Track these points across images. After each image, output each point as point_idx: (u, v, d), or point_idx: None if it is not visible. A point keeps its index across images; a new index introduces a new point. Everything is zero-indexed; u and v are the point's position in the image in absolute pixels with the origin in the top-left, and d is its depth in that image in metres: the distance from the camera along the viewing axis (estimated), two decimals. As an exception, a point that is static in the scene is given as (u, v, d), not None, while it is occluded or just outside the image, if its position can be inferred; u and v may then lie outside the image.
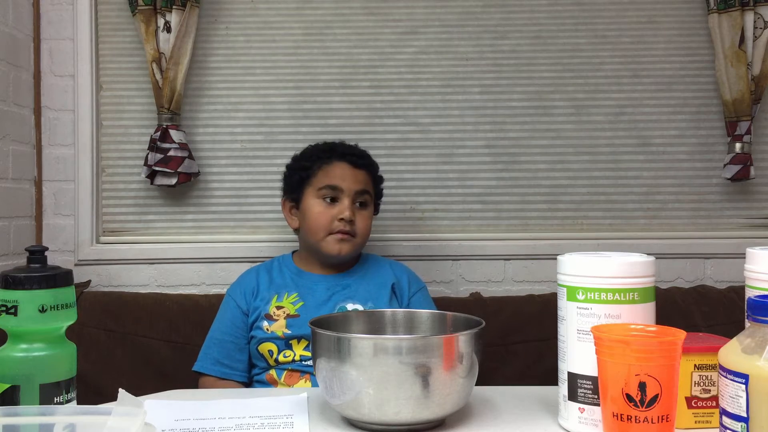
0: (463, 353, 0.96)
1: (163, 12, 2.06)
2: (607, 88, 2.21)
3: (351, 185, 1.63)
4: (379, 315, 1.18)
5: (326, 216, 1.61)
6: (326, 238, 1.61)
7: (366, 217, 1.66)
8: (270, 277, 1.66)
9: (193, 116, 2.19)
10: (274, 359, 1.55)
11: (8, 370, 0.85)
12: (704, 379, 0.95)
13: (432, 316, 1.16)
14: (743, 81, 2.08)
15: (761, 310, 0.76)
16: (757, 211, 2.22)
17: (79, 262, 2.14)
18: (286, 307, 1.59)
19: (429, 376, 0.92)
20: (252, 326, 1.60)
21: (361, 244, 1.66)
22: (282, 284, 1.64)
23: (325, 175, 1.65)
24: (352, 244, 1.62)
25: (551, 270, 1.03)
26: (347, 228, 1.60)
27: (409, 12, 2.21)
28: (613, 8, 2.21)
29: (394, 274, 1.68)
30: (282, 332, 1.55)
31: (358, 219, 1.63)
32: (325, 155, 1.68)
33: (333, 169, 1.65)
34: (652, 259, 0.96)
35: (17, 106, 2.04)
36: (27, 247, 0.90)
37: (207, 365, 1.60)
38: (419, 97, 2.20)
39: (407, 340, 0.95)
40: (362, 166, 1.68)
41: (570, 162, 2.21)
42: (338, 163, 1.66)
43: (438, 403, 0.94)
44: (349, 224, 1.60)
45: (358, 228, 1.63)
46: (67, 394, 0.87)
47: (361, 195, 1.65)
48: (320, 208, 1.62)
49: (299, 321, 1.55)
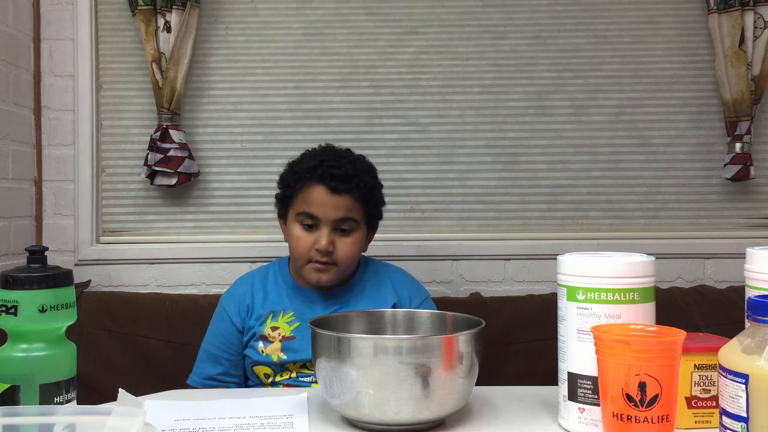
0: (463, 353, 0.96)
1: (163, 12, 2.07)
2: (607, 88, 2.21)
3: (329, 213, 1.46)
4: (379, 315, 1.18)
5: (305, 243, 1.48)
6: (306, 266, 1.49)
7: (349, 244, 1.49)
8: (265, 293, 1.57)
9: (193, 116, 2.19)
10: (270, 381, 1.51)
11: (8, 370, 0.85)
12: (704, 379, 0.95)
13: (432, 316, 1.16)
14: (743, 81, 2.08)
15: (761, 310, 0.76)
16: (757, 211, 2.22)
17: (79, 262, 2.14)
18: (282, 328, 1.51)
19: (429, 376, 0.92)
20: (246, 344, 1.53)
21: (345, 270, 1.52)
22: (278, 302, 1.55)
23: (304, 199, 1.50)
24: (332, 272, 1.49)
25: (551, 270, 1.03)
26: (324, 258, 1.47)
27: (409, 12, 2.21)
28: (613, 8, 2.21)
29: (394, 291, 1.58)
30: (277, 357, 1.49)
31: (339, 246, 1.48)
32: (306, 175, 1.50)
33: (311, 193, 1.48)
34: (652, 259, 0.96)
35: (17, 106, 2.04)
36: (27, 247, 0.90)
37: (199, 380, 1.55)
38: (419, 97, 2.20)
39: (407, 340, 0.95)
40: (344, 191, 1.48)
41: (570, 162, 2.21)
42: (316, 187, 1.48)
43: (438, 403, 0.94)
44: (326, 255, 1.46)
45: (339, 256, 1.48)
46: (67, 394, 0.87)
47: (343, 222, 1.48)
48: (299, 232, 1.49)
49: (295, 344, 1.49)
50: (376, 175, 1.58)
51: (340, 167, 1.49)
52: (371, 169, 1.57)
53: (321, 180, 1.47)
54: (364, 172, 1.53)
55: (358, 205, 1.50)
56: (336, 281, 1.52)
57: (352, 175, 1.49)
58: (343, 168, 1.49)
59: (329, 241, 1.46)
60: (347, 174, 1.48)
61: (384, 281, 1.59)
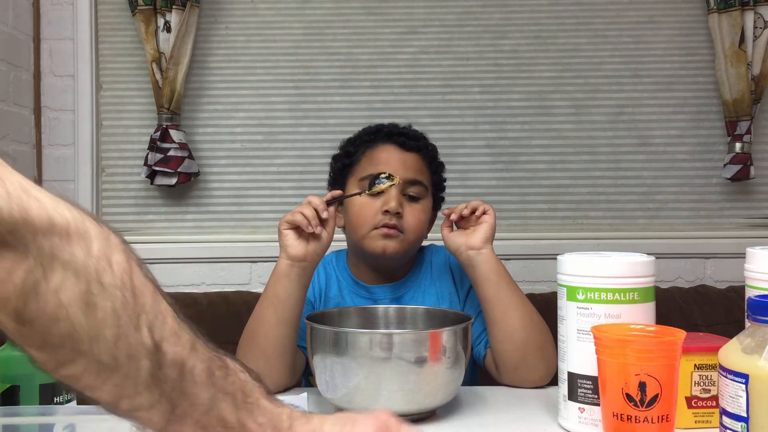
0: (447, 347, 1.00)
1: (163, 12, 2.06)
2: (607, 88, 2.21)
3: (399, 171, 1.31)
4: (372, 311, 1.22)
5: (370, 208, 1.31)
6: (369, 234, 1.31)
7: (418, 212, 1.34)
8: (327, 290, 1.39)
9: (193, 116, 2.19)
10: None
11: (8, 370, 0.85)
12: (704, 379, 0.95)
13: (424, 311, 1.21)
14: (743, 81, 2.08)
15: (761, 310, 0.76)
16: (757, 211, 2.22)
17: (79, 262, 2.13)
18: None
19: (417, 369, 0.98)
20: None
21: (413, 242, 1.35)
22: (338, 300, 1.38)
23: (369, 161, 1.37)
24: (399, 241, 1.31)
25: (551, 270, 1.02)
26: (392, 222, 1.30)
27: (409, 12, 2.21)
28: (613, 8, 2.21)
29: (447, 258, 1.41)
30: None
31: (407, 213, 1.32)
32: (369, 138, 1.40)
33: (378, 153, 1.37)
34: (652, 259, 0.96)
35: (17, 106, 2.04)
36: (27, 247, 0.90)
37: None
38: (419, 97, 2.20)
39: (397, 335, 1.01)
40: (413, 149, 1.37)
41: (570, 162, 2.21)
42: (384, 146, 1.37)
43: (426, 394, 0.99)
44: (395, 217, 1.30)
45: (407, 223, 1.32)
46: (67, 394, 0.87)
47: (412, 185, 1.34)
48: (364, 199, 1.32)
49: None
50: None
51: (406, 129, 1.42)
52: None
53: (389, 138, 1.38)
54: (428, 138, 1.45)
55: (426, 168, 1.40)
56: (403, 255, 1.35)
57: (420, 135, 1.42)
58: (408, 129, 1.42)
59: (399, 202, 1.30)
60: (415, 133, 1.42)
61: (438, 255, 1.44)
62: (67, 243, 0.52)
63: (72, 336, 0.52)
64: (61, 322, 0.52)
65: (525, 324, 1.20)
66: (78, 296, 0.52)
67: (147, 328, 0.56)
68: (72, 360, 0.53)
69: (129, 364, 0.55)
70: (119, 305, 0.54)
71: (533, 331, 1.20)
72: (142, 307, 0.56)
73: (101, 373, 0.54)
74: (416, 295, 1.37)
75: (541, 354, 1.19)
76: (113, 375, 0.55)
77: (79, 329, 0.52)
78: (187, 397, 0.58)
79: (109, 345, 0.54)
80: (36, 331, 0.52)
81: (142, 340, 0.55)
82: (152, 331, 0.56)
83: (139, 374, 0.55)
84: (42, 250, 0.51)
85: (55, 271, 0.51)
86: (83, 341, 0.53)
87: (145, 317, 0.56)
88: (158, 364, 0.56)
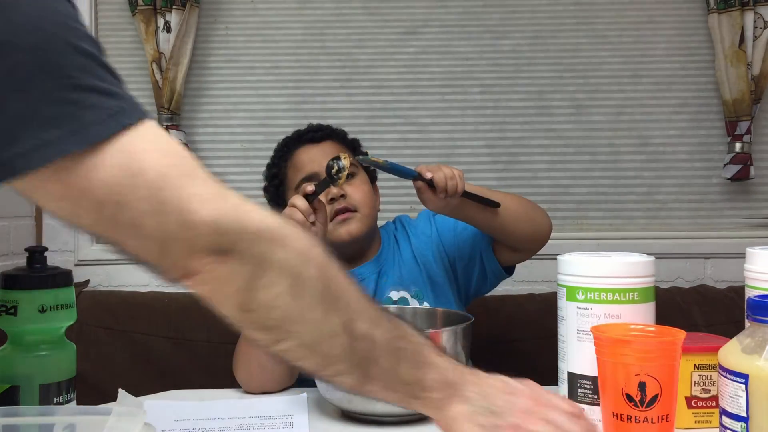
0: (447, 347, 1.01)
1: (163, 12, 2.07)
2: (607, 88, 2.21)
3: (323, 162, 1.31)
4: None
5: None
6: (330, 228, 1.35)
7: (359, 185, 1.41)
8: None
9: (193, 116, 2.19)
10: None
11: (8, 370, 0.85)
12: (704, 379, 0.95)
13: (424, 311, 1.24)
14: (743, 81, 2.08)
15: (761, 310, 0.76)
16: (757, 211, 2.22)
17: (79, 262, 2.14)
18: None
19: None
20: None
21: (370, 215, 1.41)
22: None
23: (294, 169, 1.45)
24: (358, 219, 1.37)
25: (551, 270, 1.03)
26: (341, 205, 1.36)
27: (409, 12, 2.21)
28: (613, 8, 2.21)
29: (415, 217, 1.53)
30: None
31: (350, 191, 1.38)
32: (283, 151, 1.49)
33: (297, 158, 1.45)
34: (652, 259, 0.96)
35: (17, 106, 2.03)
36: (27, 247, 0.90)
37: None
38: (419, 97, 2.20)
39: None
40: (324, 138, 1.46)
41: (570, 162, 2.21)
42: (298, 150, 1.46)
43: None
44: (341, 200, 1.36)
45: (355, 199, 1.38)
46: (67, 395, 0.88)
47: None
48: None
49: None
50: None
51: (309, 126, 1.53)
52: None
53: (299, 141, 1.48)
54: (332, 126, 1.55)
55: (345, 147, 1.48)
56: (368, 231, 1.41)
57: (324, 125, 1.53)
58: (312, 126, 1.53)
59: (337, 186, 1.33)
60: (318, 125, 1.52)
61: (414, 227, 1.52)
62: (274, 246, 0.65)
63: (284, 320, 0.66)
64: (274, 310, 0.66)
65: (515, 200, 1.41)
66: (286, 289, 0.65)
67: (342, 310, 0.68)
68: (284, 339, 0.67)
69: (329, 340, 0.68)
70: (317, 294, 0.67)
71: (522, 200, 1.43)
72: (336, 293, 0.69)
73: (307, 347, 0.68)
74: (396, 259, 1.45)
75: (537, 208, 1.45)
76: (316, 348, 0.68)
77: (289, 314, 0.66)
78: (375, 364, 0.70)
79: (313, 325, 0.67)
80: (255, 318, 0.67)
81: (338, 320, 0.68)
82: (346, 312, 0.68)
83: (337, 348, 0.68)
84: (256, 255, 0.64)
85: (266, 270, 0.64)
86: (294, 322, 0.67)
87: (340, 301, 0.69)
88: (351, 339, 0.68)
